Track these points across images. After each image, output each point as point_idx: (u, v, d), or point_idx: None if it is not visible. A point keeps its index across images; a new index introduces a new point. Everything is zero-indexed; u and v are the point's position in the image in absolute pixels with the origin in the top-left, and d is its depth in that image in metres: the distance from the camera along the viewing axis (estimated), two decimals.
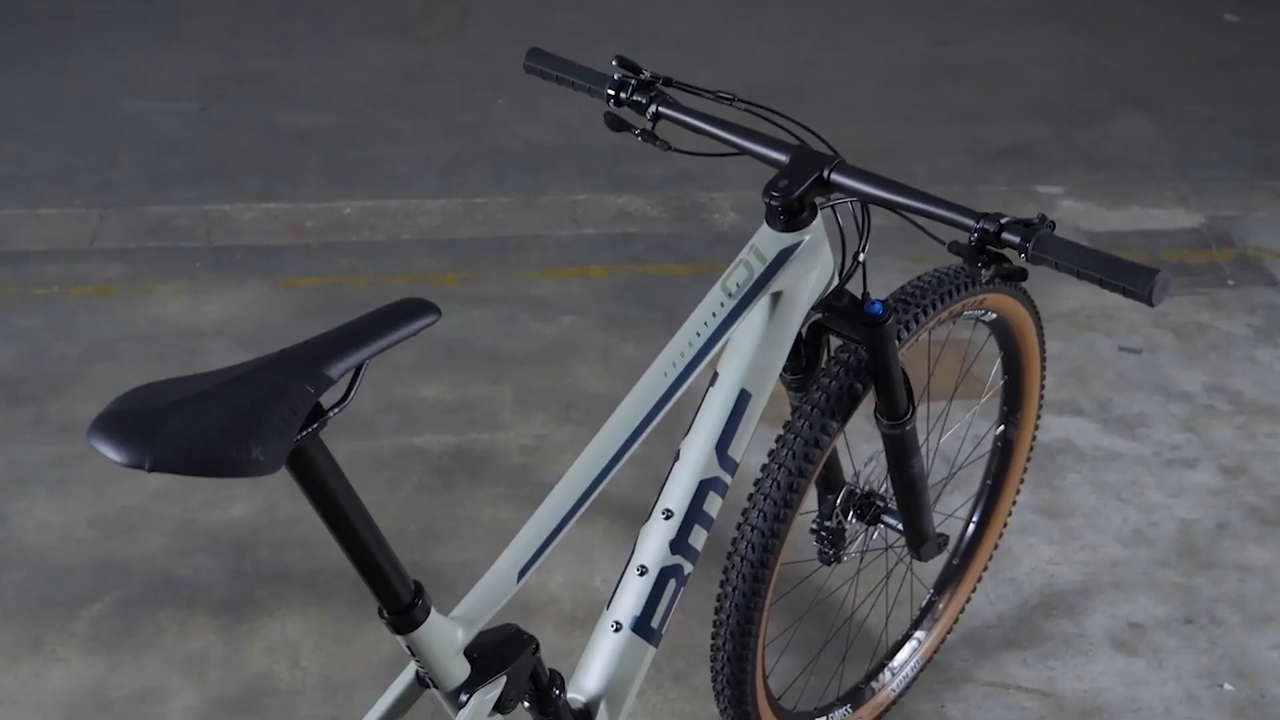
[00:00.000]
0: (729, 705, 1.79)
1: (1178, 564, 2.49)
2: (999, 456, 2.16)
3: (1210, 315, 3.29)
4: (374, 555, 1.15)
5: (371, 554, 1.15)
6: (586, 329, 3.14)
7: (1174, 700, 2.20)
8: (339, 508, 1.11)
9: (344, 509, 1.11)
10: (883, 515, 1.94)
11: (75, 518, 2.52)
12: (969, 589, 2.21)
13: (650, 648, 1.50)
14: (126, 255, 3.36)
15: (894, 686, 2.12)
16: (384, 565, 1.16)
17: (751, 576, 1.67)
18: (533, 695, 1.37)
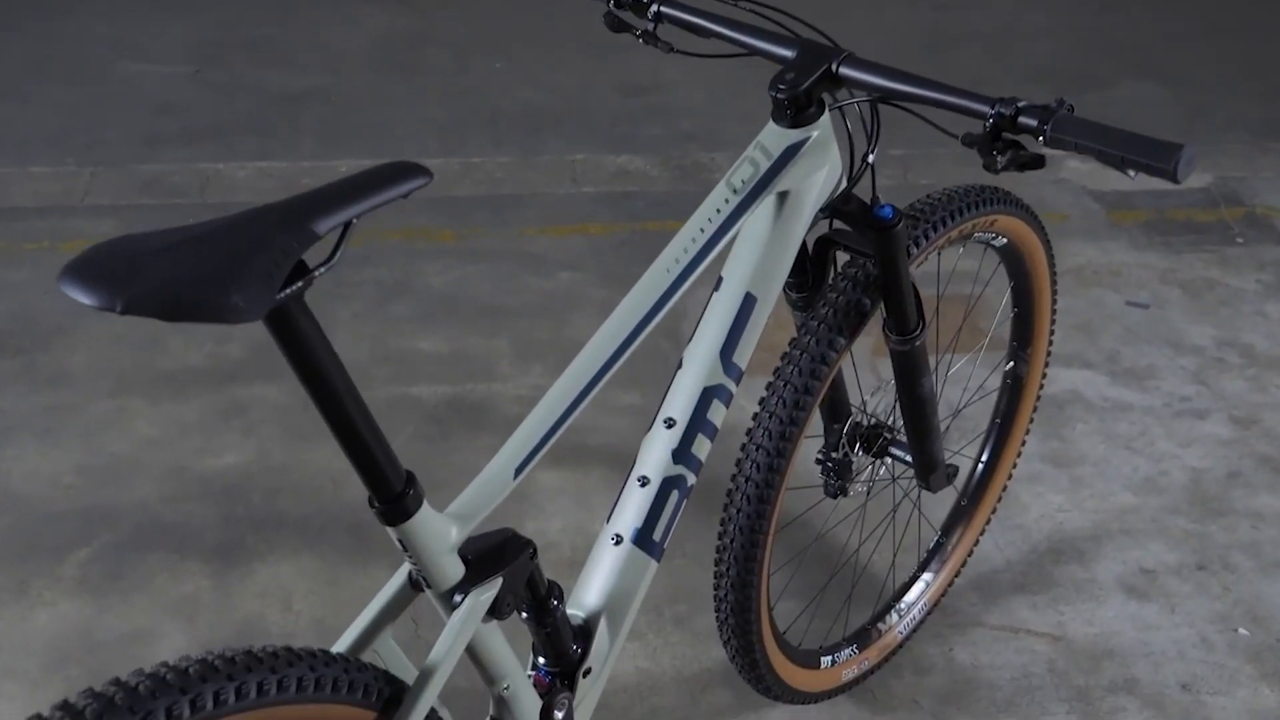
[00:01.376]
0: (733, 635, 1.74)
1: (1189, 511, 2.44)
2: (1008, 394, 2.11)
3: (1219, 272, 3.24)
4: (363, 436, 1.10)
5: (361, 435, 1.09)
6: (585, 284, 3.08)
7: (1187, 644, 2.15)
8: (325, 379, 1.05)
9: (330, 380, 1.06)
10: (890, 447, 1.89)
11: (63, 466, 2.47)
12: (977, 530, 2.16)
13: (652, 561, 1.44)
14: (118, 211, 3.30)
15: (901, 629, 2.07)
16: (374, 448, 1.11)
17: (756, 498, 1.62)
18: (530, 604, 1.32)
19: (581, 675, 1.40)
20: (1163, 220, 3.47)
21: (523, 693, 1.33)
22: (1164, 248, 3.33)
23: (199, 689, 1.02)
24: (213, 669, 1.04)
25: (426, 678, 1.19)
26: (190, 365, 2.77)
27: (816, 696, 1.95)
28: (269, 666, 1.08)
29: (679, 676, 2.07)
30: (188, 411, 2.63)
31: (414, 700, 1.18)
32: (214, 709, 1.02)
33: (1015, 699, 2.04)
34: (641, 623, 2.16)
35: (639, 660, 2.09)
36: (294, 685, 1.08)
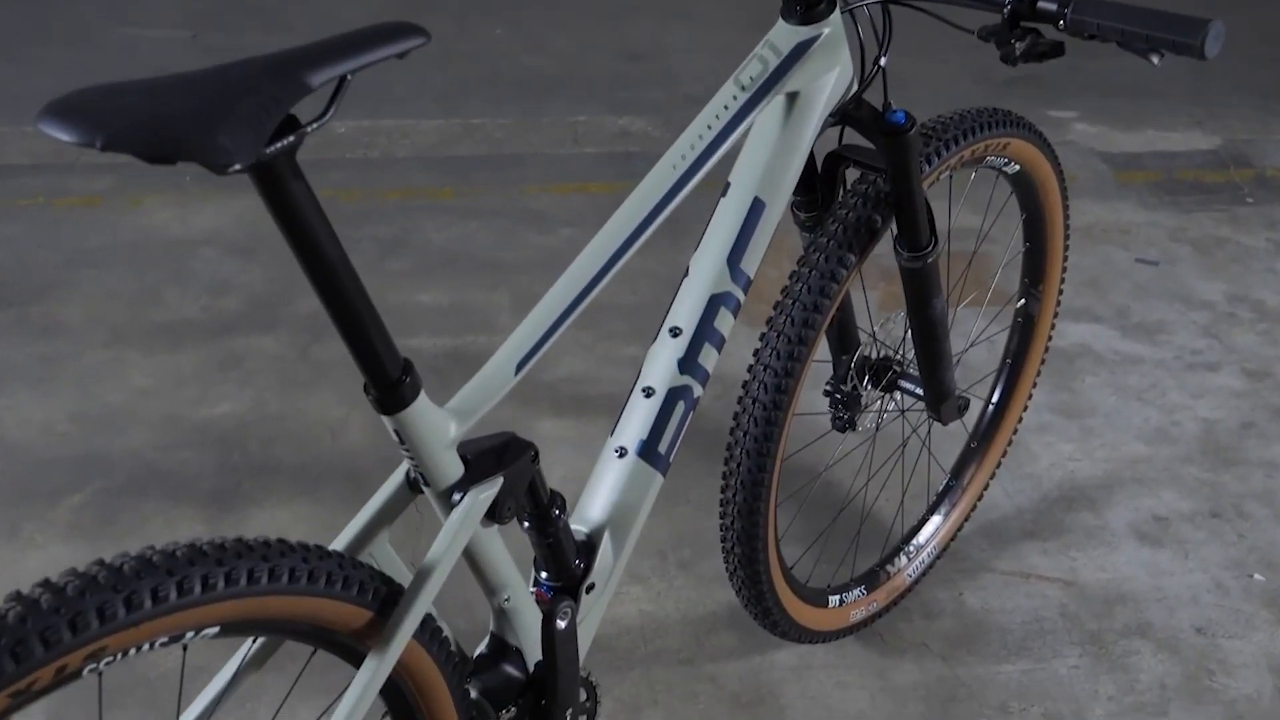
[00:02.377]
0: (739, 566, 1.70)
1: (1202, 461, 2.40)
2: (1019, 333, 2.06)
3: (1230, 230, 3.19)
4: (359, 315, 1.05)
5: (356, 313, 1.05)
6: (587, 240, 3.02)
7: (1201, 590, 2.11)
8: (317, 248, 1.01)
9: (324, 251, 1.02)
10: (899, 380, 1.85)
11: (57, 414, 2.43)
12: (988, 473, 2.11)
13: (657, 474, 1.40)
14: (113, 170, 3.26)
15: (910, 572, 2.03)
16: (370, 329, 1.06)
17: (764, 420, 1.58)
18: (532, 513, 1.27)
19: (585, 591, 1.36)
20: (1171, 180, 3.42)
21: (524, 605, 1.29)
22: (1173, 207, 3.28)
23: (186, 572, 0.98)
24: (200, 553, 1.00)
25: (424, 578, 1.14)
26: (186, 317, 2.72)
27: (824, 636, 1.90)
28: (260, 555, 1.04)
29: (684, 619, 2.02)
30: (183, 362, 2.58)
31: (411, 600, 1.14)
32: (201, 593, 0.98)
33: (1026, 643, 2.00)
34: (645, 567, 2.12)
35: (643, 604, 2.05)
36: (286, 576, 1.04)
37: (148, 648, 0.97)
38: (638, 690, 1.89)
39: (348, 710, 1.11)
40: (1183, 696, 1.91)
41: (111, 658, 0.94)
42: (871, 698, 1.90)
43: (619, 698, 1.88)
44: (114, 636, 0.93)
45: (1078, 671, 1.95)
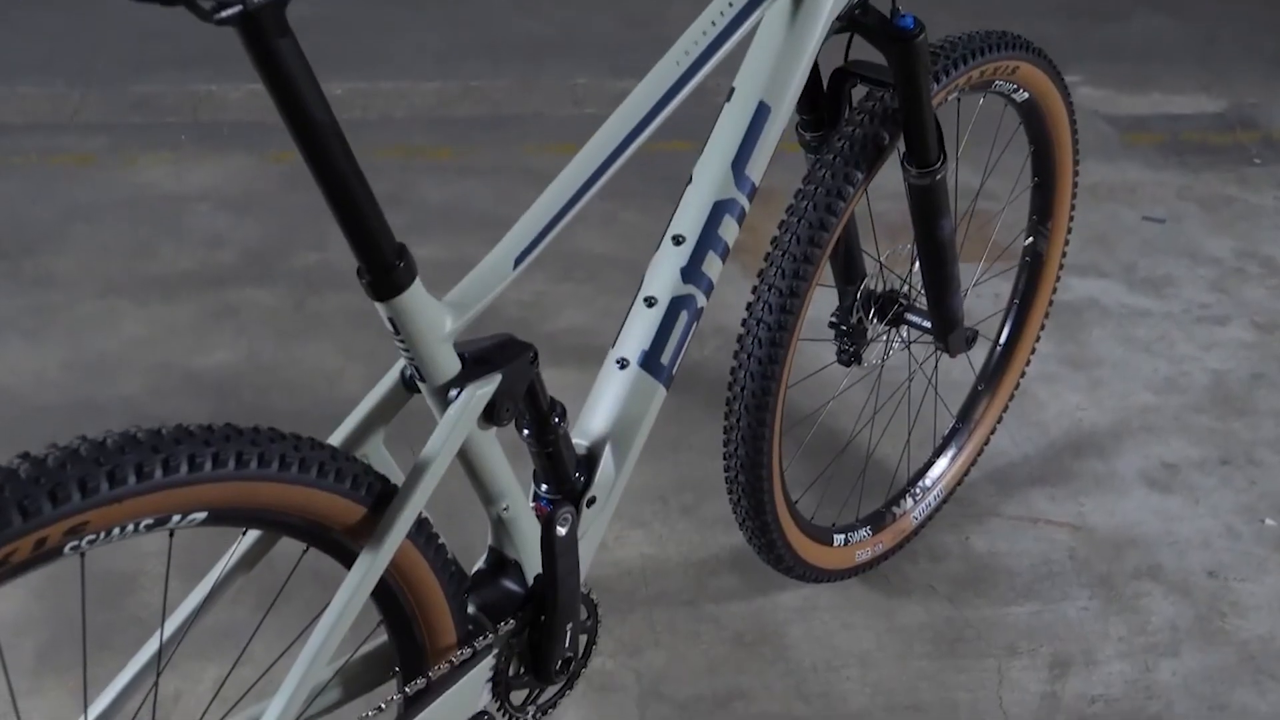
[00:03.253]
0: (744, 495, 1.66)
1: (1212, 410, 2.36)
2: (1028, 271, 2.02)
3: (1237, 189, 3.16)
4: (352, 190, 1.02)
5: (348, 187, 1.02)
6: (588, 200, 3.00)
7: (1212, 534, 2.07)
8: (307, 110, 0.98)
9: (313, 114, 0.98)
10: (906, 314, 1.81)
11: (50, 362, 2.39)
12: (995, 416, 2.08)
13: (659, 386, 1.36)
14: (108, 129, 3.22)
15: (916, 514, 1.99)
16: (363, 206, 1.03)
17: (769, 342, 1.54)
18: (531, 420, 1.24)
19: (586, 505, 1.32)
20: (1177, 142, 3.38)
21: (523, 516, 1.26)
22: (1180, 167, 3.25)
23: (173, 450, 0.94)
24: (187, 433, 0.96)
25: (419, 475, 1.11)
26: (180, 270, 2.69)
27: (829, 575, 1.87)
28: (249, 440, 1.00)
29: (685, 562, 1.99)
30: (177, 313, 2.55)
31: (406, 497, 1.10)
32: (189, 473, 0.94)
33: (1035, 585, 1.96)
34: (647, 511, 2.08)
35: (644, 547, 2.01)
36: (276, 462, 1.01)
37: (132, 529, 0.93)
38: (639, 631, 1.86)
39: (339, 609, 1.08)
40: (1195, 637, 1.87)
41: (94, 536, 0.91)
42: (878, 638, 1.86)
43: (620, 638, 1.84)
44: (96, 512, 0.89)
45: (1087, 613, 1.91)
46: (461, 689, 1.23)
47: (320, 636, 1.07)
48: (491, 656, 1.26)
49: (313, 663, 1.07)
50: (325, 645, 1.07)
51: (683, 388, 2.37)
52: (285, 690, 1.07)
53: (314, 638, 1.07)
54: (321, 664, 1.07)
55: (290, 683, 1.07)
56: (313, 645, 1.07)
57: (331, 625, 1.07)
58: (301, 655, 1.08)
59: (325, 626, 1.07)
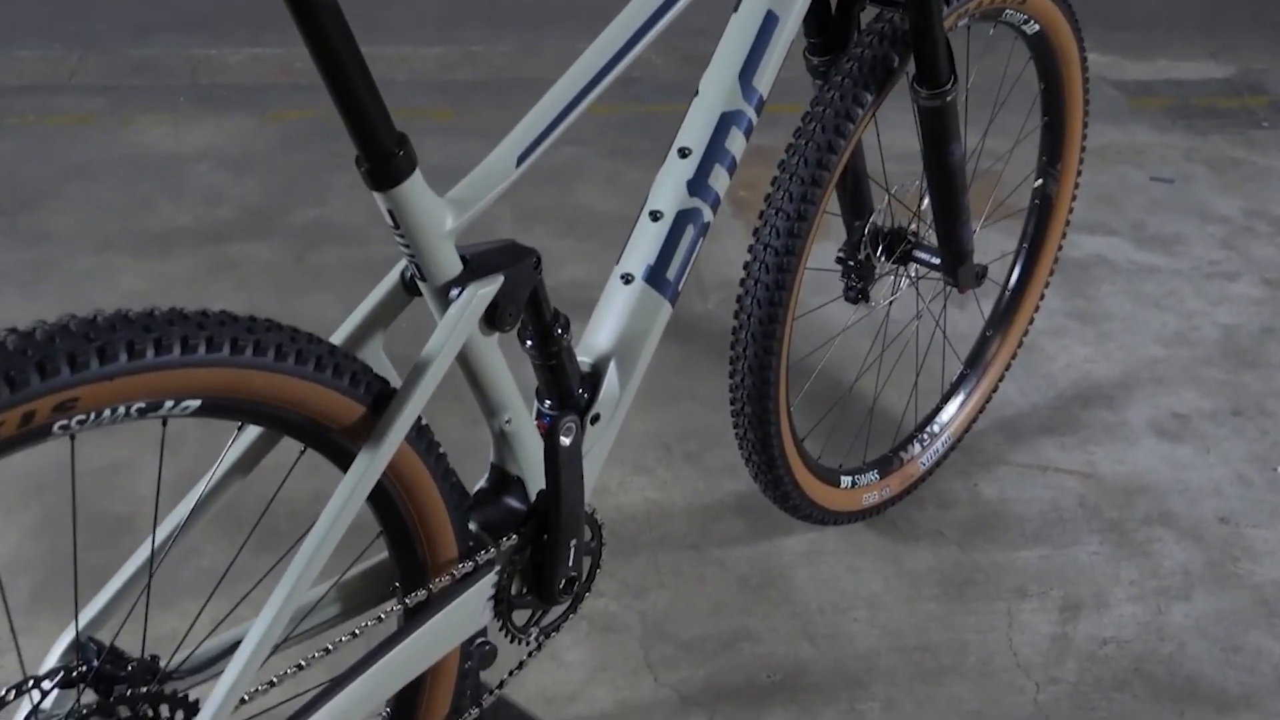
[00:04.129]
0: (750, 428, 1.63)
1: (1222, 363, 2.33)
2: (1036, 215, 2.00)
3: (1245, 152, 3.13)
4: (350, 73, 0.99)
5: (347, 71, 0.99)
6: (590, 157, 2.97)
7: (1224, 482, 2.04)
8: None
9: None
10: (914, 252, 1.79)
11: (46, 314, 2.34)
12: (1004, 362, 2.05)
13: (665, 302, 1.33)
14: (106, 91, 3.19)
15: (924, 460, 1.96)
16: (361, 90, 1.00)
17: (775, 267, 1.52)
18: (534, 330, 1.21)
19: (590, 422, 1.29)
20: (1185, 106, 3.36)
21: (525, 429, 1.23)
22: (1187, 130, 3.22)
23: (165, 331, 0.91)
24: (181, 316, 0.94)
25: (418, 374, 1.08)
26: (178, 226, 2.66)
27: (835, 516, 1.84)
28: (245, 327, 0.97)
29: (690, 508, 1.96)
30: (175, 267, 2.52)
31: (405, 397, 1.07)
32: (181, 354, 0.92)
33: (1044, 531, 1.93)
34: (650, 458, 2.05)
35: (648, 492, 1.99)
36: (273, 352, 0.98)
37: (123, 412, 0.90)
38: (643, 573, 1.83)
39: (335, 511, 1.05)
40: (1207, 581, 1.85)
41: (84, 416, 0.88)
42: (885, 581, 1.83)
43: (624, 580, 1.82)
44: (85, 388, 0.86)
45: (1098, 558, 1.88)
46: (462, 605, 1.20)
47: (316, 539, 1.04)
48: (493, 573, 1.23)
49: (307, 567, 1.04)
50: (321, 549, 1.04)
51: (686, 339, 2.35)
52: (277, 598, 1.03)
53: (309, 540, 1.04)
54: (317, 568, 1.04)
55: (283, 589, 1.03)
56: (308, 548, 1.04)
57: (327, 528, 1.04)
58: (295, 560, 1.05)
59: (321, 529, 1.04)
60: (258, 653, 1.01)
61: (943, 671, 1.69)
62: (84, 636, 1.06)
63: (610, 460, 2.00)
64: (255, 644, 1.01)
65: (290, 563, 1.05)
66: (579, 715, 1.61)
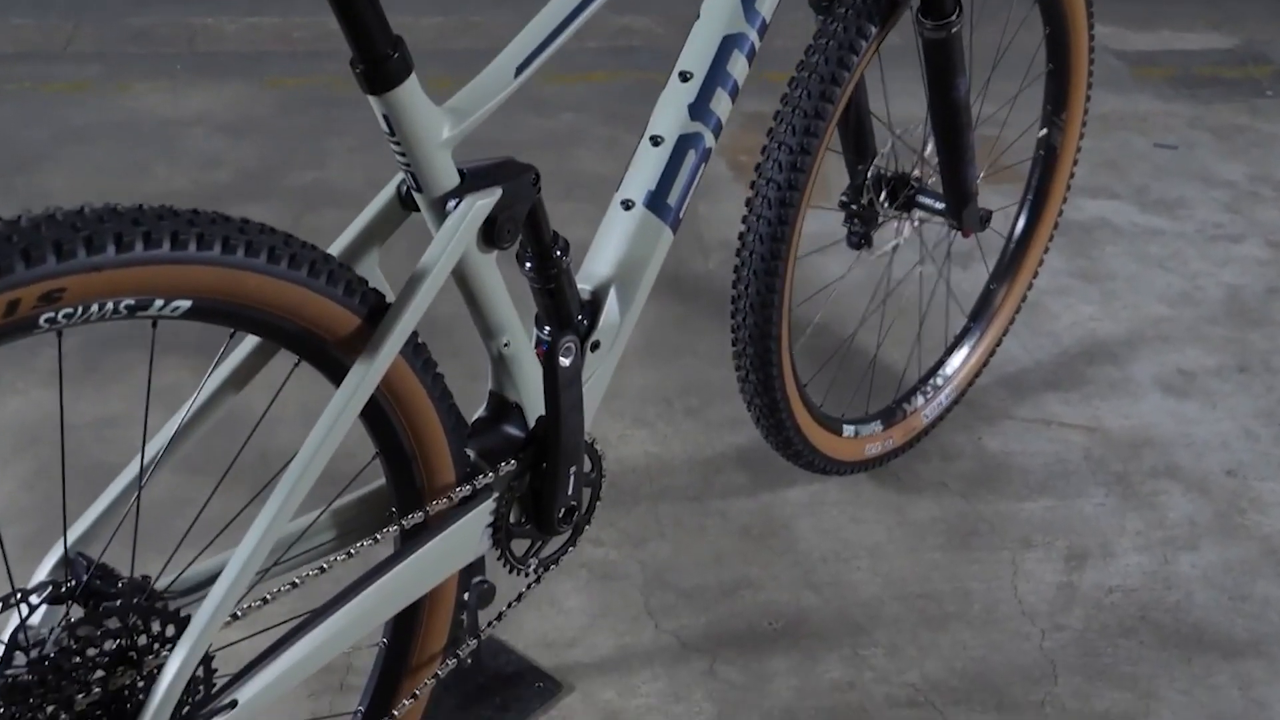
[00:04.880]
0: (752, 369, 1.61)
1: (1227, 322, 2.31)
2: (1041, 166, 1.97)
3: (1249, 119, 3.10)
4: None
5: None
6: (589, 123, 2.96)
7: (1230, 436, 2.02)
8: None
9: None
10: (918, 198, 1.76)
11: None
12: (1008, 315, 2.02)
13: (665, 228, 1.31)
14: (102, 58, 3.17)
15: (927, 413, 1.94)
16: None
17: (778, 202, 1.50)
18: (533, 252, 1.19)
19: (590, 349, 1.27)
20: (1188, 75, 3.33)
21: (524, 352, 1.20)
22: (1191, 99, 3.19)
23: (155, 226, 0.89)
24: (172, 213, 0.92)
25: (415, 285, 1.06)
26: (175, 189, 2.64)
27: (837, 466, 1.82)
28: (238, 227, 0.95)
29: (691, 461, 1.94)
30: None
31: (401, 308, 1.05)
32: (171, 250, 0.89)
33: (1049, 483, 1.91)
34: (650, 413, 2.03)
35: (648, 445, 1.96)
36: (265, 254, 0.96)
37: (110, 308, 0.88)
38: (644, 523, 1.81)
39: (329, 424, 1.03)
40: (1214, 532, 1.83)
41: (71, 310, 0.86)
42: (888, 531, 1.81)
43: (624, 530, 1.80)
44: (72, 279, 0.84)
45: (1104, 509, 1.86)
46: (460, 530, 1.18)
47: (308, 452, 1.02)
48: (492, 500, 1.20)
49: (300, 480, 1.02)
50: (313, 463, 1.02)
51: (687, 298, 2.33)
52: (269, 510, 1.01)
53: (301, 453, 1.02)
54: (310, 481, 1.02)
55: (274, 502, 1.01)
56: (300, 460, 1.02)
57: (320, 441, 1.02)
58: (288, 472, 1.02)
59: (314, 442, 1.02)
60: (249, 566, 0.99)
61: (947, 618, 1.67)
62: (73, 552, 1.04)
63: (609, 414, 2.01)
64: (246, 556, 0.99)
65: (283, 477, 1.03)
66: (578, 660, 1.59)
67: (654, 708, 1.53)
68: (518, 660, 1.58)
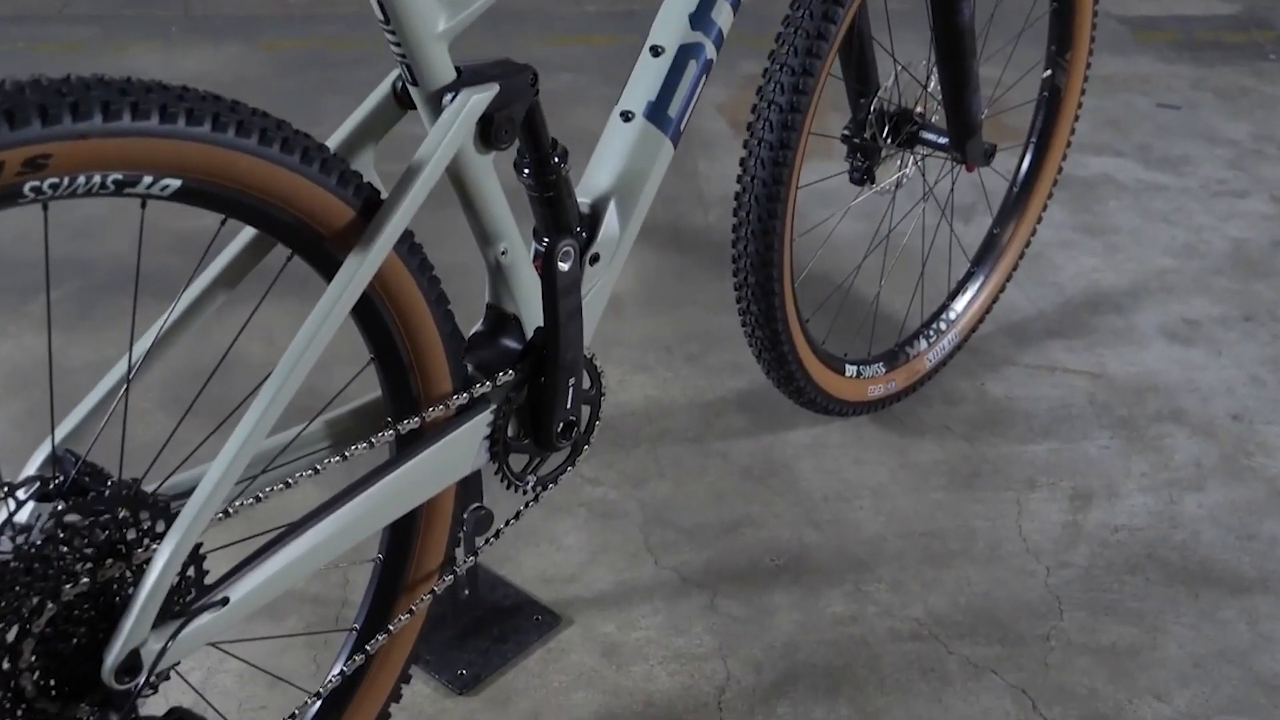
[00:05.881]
0: (753, 300, 1.59)
1: (1232, 273, 2.29)
2: (1045, 108, 1.95)
3: (1253, 81, 3.09)
4: None
5: None
6: (588, 84, 2.93)
7: (1236, 382, 2.00)
8: None
9: None
10: (921, 134, 1.74)
11: (33, 222, 2.31)
12: (1012, 259, 2.00)
13: (666, 139, 1.29)
14: (97, 20, 3.15)
15: (930, 357, 1.92)
16: None
17: (780, 125, 1.47)
18: (531, 158, 1.17)
19: (589, 262, 1.25)
20: (1191, 40, 3.31)
21: (522, 261, 1.18)
22: (1194, 61, 3.18)
23: (144, 97, 0.87)
24: (163, 87, 0.89)
25: (409, 180, 1.04)
26: None
27: (839, 405, 1.79)
28: (229, 106, 0.93)
29: (691, 404, 1.92)
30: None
31: (395, 201, 1.03)
32: (160, 123, 0.87)
33: (1053, 426, 1.89)
34: (650, 358, 2.01)
35: (648, 389, 1.94)
36: (257, 135, 0.94)
37: (98, 182, 0.86)
38: (643, 464, 1.79)
39: (321, 317, 1.00)
40: (1220, 474, 1.80)
41: (56, 180, 0.84)
42: (891, 473, 1.79)
43: (623, 471, 1.77)
44: (57, 145, 0.82)
45: (1108, 451, 1.84)
46: (457, 441, 1.16)
47: (300, 345, 1.00)
48: (489, 412, 1.18)
49: (291, 374, 0.99)
50: (305, 357, 0.99)
51: (687, 250, 2.31)
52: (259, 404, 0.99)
53: (293, 346, 1.00)
54: (301, 375, 1.00)
55: (265, 396, 0.99)
56: (292, 354, 0.99)
57: (312, 335, 1.00)
58: (279, 366, 1.00)
59: (305, 335, 1.00)
60: (240, 457, 0.97)
61: (950, 556, 1.65)
62: (61, 449, 1.02)
63: (609, 361, 1.99)
64: (238, 446, 0.97)
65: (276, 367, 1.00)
66: (577, 595, 1.57)
67: (654, 640, 1.51)
68: (516, 594, 1.56)
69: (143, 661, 0.93)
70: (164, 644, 0.94)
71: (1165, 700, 1.44)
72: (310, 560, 1.05)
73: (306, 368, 1.01)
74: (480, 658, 1.47)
